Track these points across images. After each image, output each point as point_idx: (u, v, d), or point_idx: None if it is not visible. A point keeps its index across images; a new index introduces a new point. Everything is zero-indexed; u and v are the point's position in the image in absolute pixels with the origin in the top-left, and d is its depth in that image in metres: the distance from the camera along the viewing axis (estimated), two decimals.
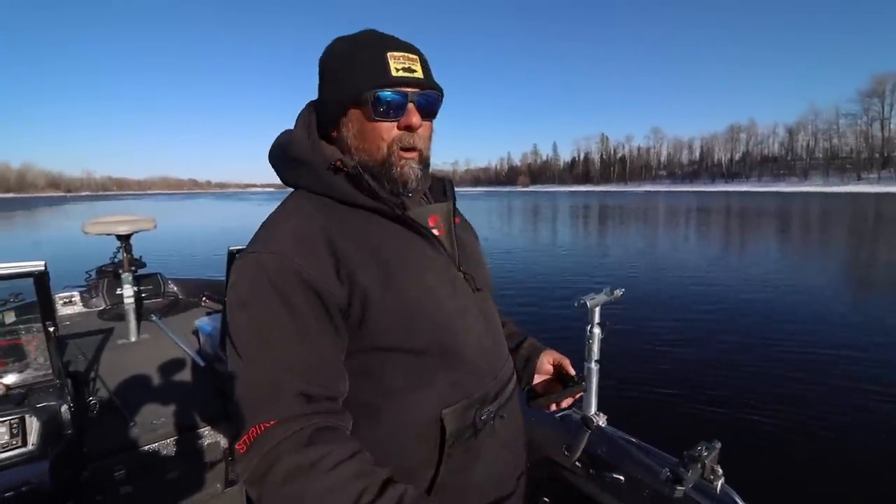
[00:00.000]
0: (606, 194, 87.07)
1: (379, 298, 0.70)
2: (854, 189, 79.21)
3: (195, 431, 1.75)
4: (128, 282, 2.73)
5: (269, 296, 0.67)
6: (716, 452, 1.06)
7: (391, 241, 0.75)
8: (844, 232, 18.17)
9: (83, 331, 2.86)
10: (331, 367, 0.69)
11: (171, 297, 3.62)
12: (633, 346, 5.29)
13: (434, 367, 0.74)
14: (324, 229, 0.71)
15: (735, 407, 3.74)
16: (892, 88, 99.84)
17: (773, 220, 22.83)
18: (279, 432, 0.60)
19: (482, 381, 0.79)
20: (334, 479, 0.58)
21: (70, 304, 3.42)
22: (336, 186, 0.75)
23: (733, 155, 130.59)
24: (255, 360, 0.66)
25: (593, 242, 15.77)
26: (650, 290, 8.04)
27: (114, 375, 2.16)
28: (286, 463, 0.58)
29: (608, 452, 1.26)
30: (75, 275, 3.75)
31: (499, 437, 0.82)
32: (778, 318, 6.26)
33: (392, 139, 0.75)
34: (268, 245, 0.70)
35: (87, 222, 2.71)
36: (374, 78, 0.72)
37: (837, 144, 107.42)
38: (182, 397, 1.97)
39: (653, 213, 29.19)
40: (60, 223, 30.97)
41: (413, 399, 0.73)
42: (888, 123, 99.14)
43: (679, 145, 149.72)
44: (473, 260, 0.88)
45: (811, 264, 11.05)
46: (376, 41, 0.75)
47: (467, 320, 0.79)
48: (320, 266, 0.68)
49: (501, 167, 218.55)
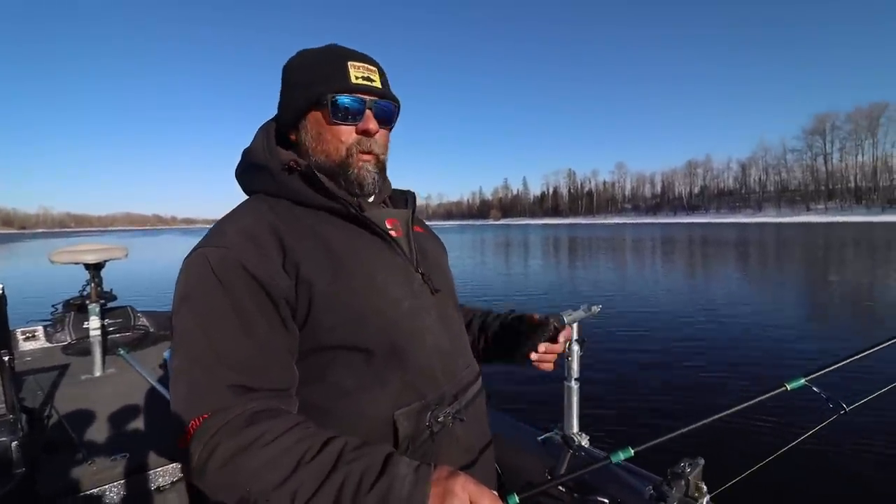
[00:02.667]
0: (576, 227, 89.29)
1: (326, 292, 0.70)
2: (805, 219, 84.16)
3: (158, 469, 1.67)
4: (94, 313, 2.62)
5: (211, 288, 0.66)
6: (699, 469, 1.04)
7: (344, 238, 0.76)
8: (805, 256, 19.23)
9: (44, 366, 2.71)
10: (273, 360, 0.67)
11: (142, 330, 3.46)
12: (612, 364, 5.38)
13: (385, 366, 0.73)
14: (272, 226, 0.72)
15: (717, 423, 3.81)
16: (831, 127, 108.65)
17: (741, 248, 23.89)
18: (216, 421, 0.60)
19: (437, 383, 0.78)
20: (273, 451, 0.57)
21: (32, 338, 3.22)
22: (290, 187, 0.77)
23: (692, 188, 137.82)
24: (195, 353, 0.65)
25: (568, 271, 16.05)
26: (629, 309, 8.23)
27: (73, 411, 2.06)
28: (224, 447, 0.58)
29: (591, 475, 1.21)
30: (39, 312, 3.58)
31: (459, 442, 0.80)
32: (756, 334, 6.51)
33: (351, 142, 0.78)
34: (214, 241, 0.70)
35: (53, 251, 2.62)
36: (333, 83, 0.76)
37: (787, 178, 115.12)
38: (146, 433, 1.89)
39: (624, 244, 30.13)
40: (14, 262, 29.33)
41: (364, 400, 0.72)
42: (830, 158, 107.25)
43: (642, 179, 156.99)
44: (434, 264, 0.89)
45: (776, 286, 11.58)
46: (338, 51, 0.80)
47: (423, 321, 0.79)
48: (266, 259, 0.68)
49: (473, 201, 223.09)
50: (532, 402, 3.97)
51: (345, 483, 0.55)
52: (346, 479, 0.55)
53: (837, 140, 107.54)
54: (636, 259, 19.98)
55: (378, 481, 0.54)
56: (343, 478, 0.55)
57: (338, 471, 0.56)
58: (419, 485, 0.54)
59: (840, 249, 22.39)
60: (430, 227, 1.01)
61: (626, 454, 0.68)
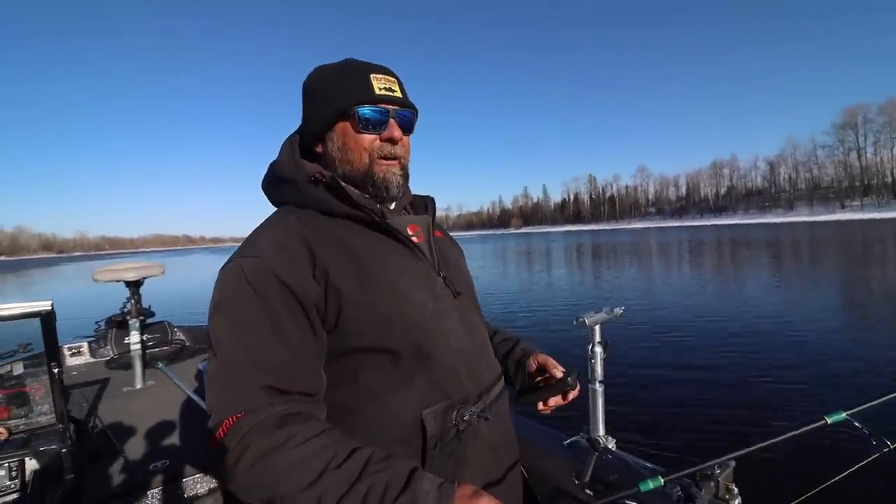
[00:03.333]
0: (599, 233, 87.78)
1: (354, 298, 0.73)
2: (840, 217, 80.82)
3: (195, 476, 1.74)
4: (135, 328, 2.76)
5: (246, 295, 0.69)
6: (730, 471, 1.04)
7: (368, 245, 0.79)
8: (844, 257, 18.27)
9: (89, 380, 2.87)
10: (304, 364, 0.70)
11: (178, 344, 3.63)
12: (638, 367, 5.27)
13: (411, 368, 0.75)
14: (301, 236, 0.75)
15: (752, 426, 3.69)
16: (863, 120, 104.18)
17: (773, 249, 22.97)
18: (248, 421, 0.62)
19: (462, 383, 0.80)
20: (302, 453, 0.59)
21: (78, 354, 3.43)
22: (316, 197, 0.80)
23: (718, 189, 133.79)
24: (229, 356, 0.67)
25: (595, 278, 15.80)
26: (654, 314, 8.01)
27: (116, 421, 2.16)
28: (255, 447, 0.60)
29: (619, 478, 1.22)
30: (82, 329, 3.77)
31: (485, 441, 0.82)
32: (794, 349, 6.12)
33: (374, 149, 0.82)
34: (248, 251, 0.74)
35: (96, 270, 2.77)
36: (359, 94, 0.80)
37: (818, 175, 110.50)
38: (184, 442, 1.97)
39: (655, 249, 29.39)
40: (54, 284, 30.70)
41: (392, 401, 0.74)
42: (864, 153, 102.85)
43: (665, 182, 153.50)
44: (455, 268, 0.92)
45: (815, 287, 11.09)
46: (360, 65, 0.84)
47: (447, 323, 0.81)
48: (297, 268, 0.71)
49: (494, 211, 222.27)
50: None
51: (369, 493, 0.56)
52: (371, 489, 0.56)
53: (871, 133, 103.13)
54: (662, 264, 19.52)
55: (402, 494, 0.55)
56: (368, 487, 0.56)
57: (363, 480, 0.57)
58: (443, 502, 0.55)
59: (883, 248, 21.28)
60: (448, 232, 1.03)
61: (655, 483, 0.66)
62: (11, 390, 1.76)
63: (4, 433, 1.60)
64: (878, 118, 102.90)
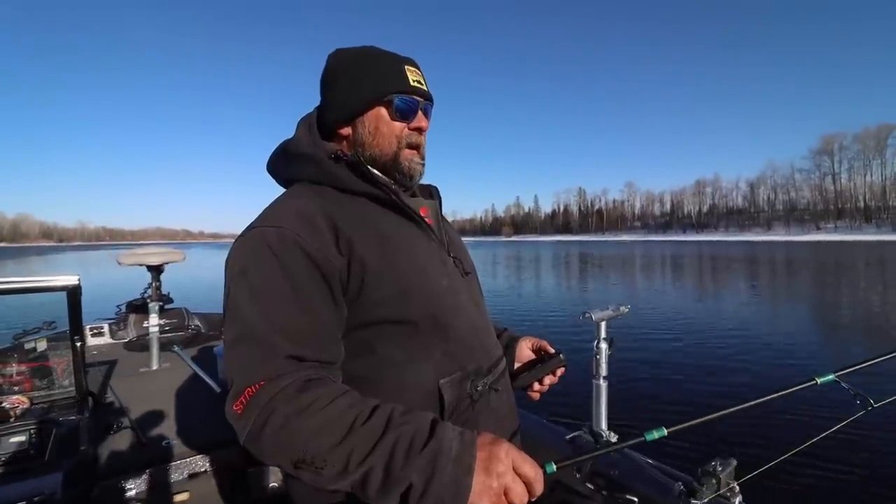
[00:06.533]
0: (587, 243, 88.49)
1: (376, 269, 0.74)
2: (814, 238, 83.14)
3: (207, 453, 1.79)
4: (154, 311, 2.85)
5: (269, 263, 0.69)
6: (731, 468, 1.04)
7: (386, 222, 0.81)
8: (819, 273, 18.96)
9: (108, 359, 2.96)
10: (325, 333, 0.71)
11: (194, 330, 3.73)
12: (641, 364, 5.49)
13: (428, 339, 0.78)
14: (323, 208, 0.76)
15: (746, 414, 3.90)
16: (839, 147, 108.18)
17: (753, 265, 23.64)
18: (272, 388, 0.63)
19: (474, 355, 0.83)
20: (329, 413, 0.60)
21: (99, 334, 3.53)
22: (336, 174, 0.81)
23: (701, 207, 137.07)
24: (250, 323, 0.67)
25: (585, 286, 16.12)
26: (657, 310, 8.40)
27: (132, 399, 2.21)
28: (280, 412, 0.61)
29: (621, 474, 1.22)
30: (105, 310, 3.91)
31: (494, 412, 0.85)
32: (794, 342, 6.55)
33: (403, 137, 0.86)
34: (269, 220, 0.74)
35: (120, 254, 2.90)
36: (397, 84, 0.83)
37: (795, 197, 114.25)
38: (196, 421, 2.01)
39: (634, 260, 30.02)
40: None
41: (412, 370, 0.76)
42: (839, 178, 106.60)
43: (651, 198, 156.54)
44: (461, 250, 0.96)
45: (799, 301, 11.58)
46: (393, 55, 0.87)
47: (459, 299, 0.84)
48: (320, 238, 0.72)
49: (486, 218, 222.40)
50: (556, 403, 4.03)
51: (397, 444, 0.57)
52: (398, 440, 0.57)
53: (846, 160, 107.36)
54: (647, 273, 19.95)
55: (428, 443, 0.57)
56: (395, 440, 0.57)
57: (389, 433, 0.58)
58: (466, 446, 0.57)
59: (853, 267, 22.11)
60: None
61: (659, 433, 0.69)
62: (35, 363, 1.88)
63: (27, 402, 1.70)
64: (852, 146, 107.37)
